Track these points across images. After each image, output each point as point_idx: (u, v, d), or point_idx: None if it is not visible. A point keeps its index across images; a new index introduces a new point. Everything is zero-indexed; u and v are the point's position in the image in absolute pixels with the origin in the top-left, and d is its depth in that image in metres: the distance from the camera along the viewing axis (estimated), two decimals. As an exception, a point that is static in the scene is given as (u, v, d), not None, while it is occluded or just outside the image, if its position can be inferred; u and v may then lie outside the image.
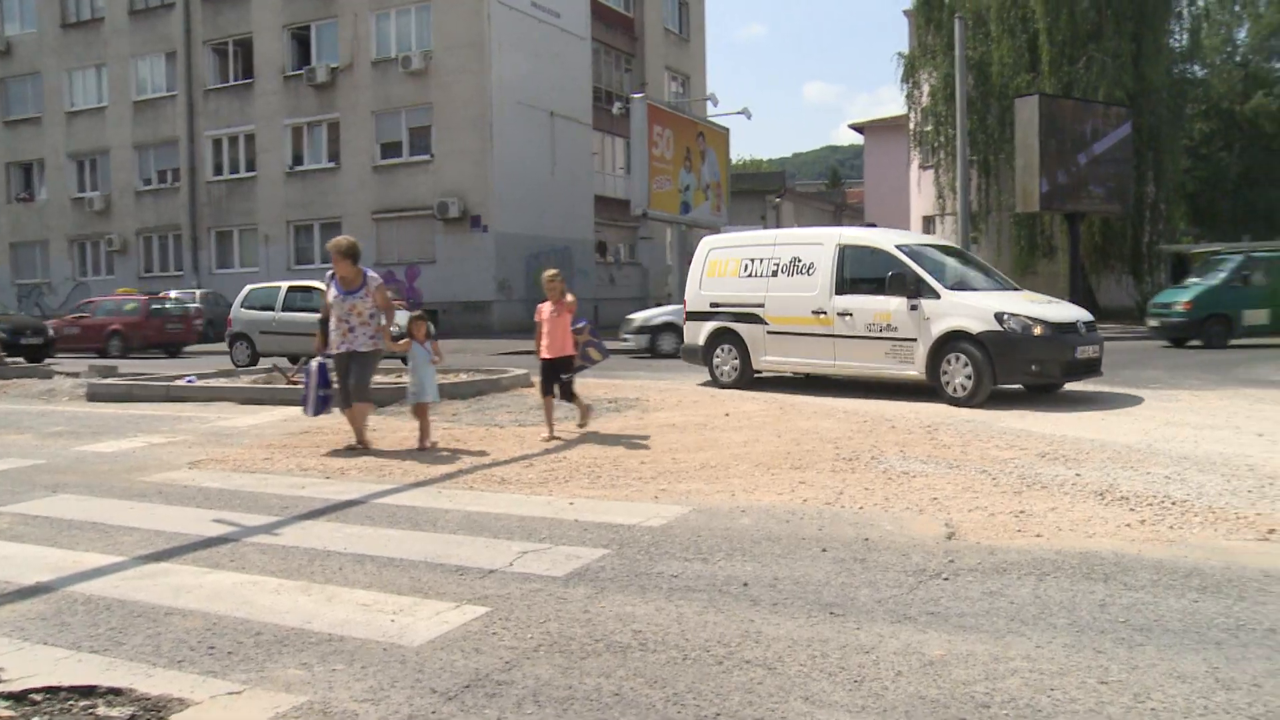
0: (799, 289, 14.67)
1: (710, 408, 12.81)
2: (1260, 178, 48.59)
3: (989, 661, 4.29)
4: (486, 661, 4.40)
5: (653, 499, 7.62)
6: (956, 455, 9.15)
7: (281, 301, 22.95)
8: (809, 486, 7.89)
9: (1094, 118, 33.32)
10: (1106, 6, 35.64)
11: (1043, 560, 5.76)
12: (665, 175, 31.39)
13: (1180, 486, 7.73)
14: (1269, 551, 5.96)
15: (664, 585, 5.44)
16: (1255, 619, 4.79)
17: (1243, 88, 49.56)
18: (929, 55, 39.03)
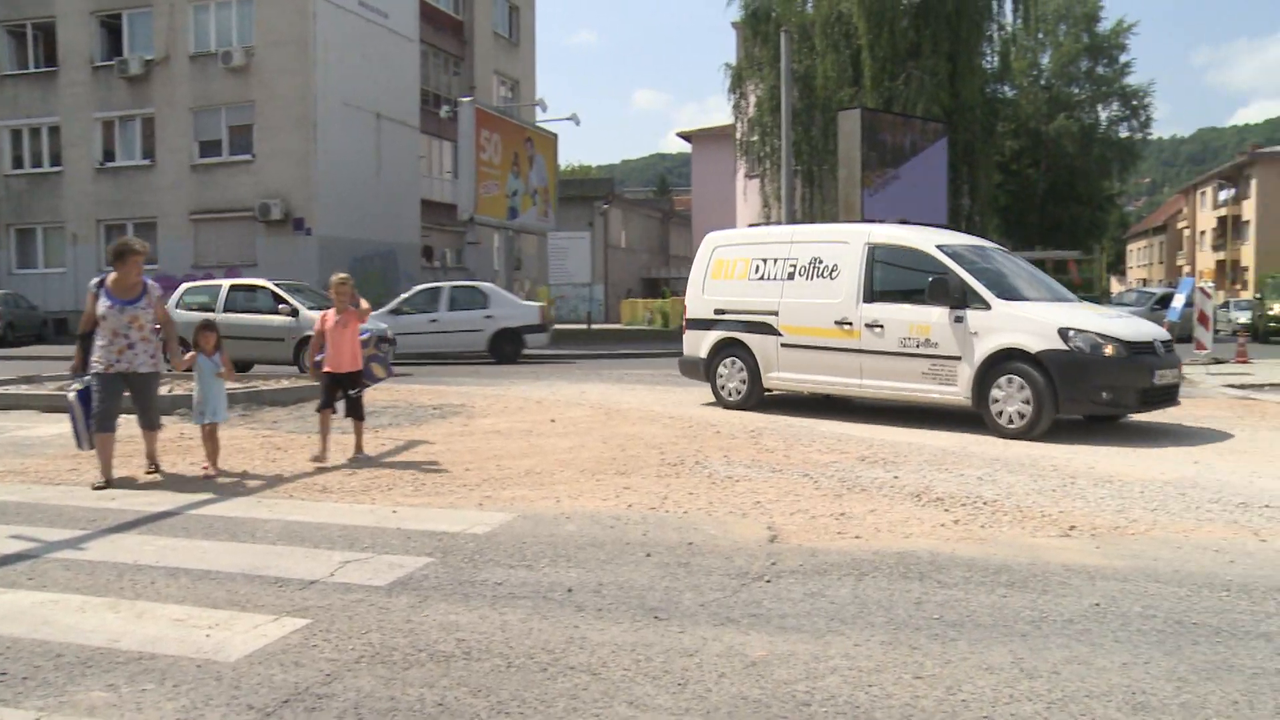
0: (820, 295, 12.67)
1: (536, 413, 12.78)
2: (1064, 193, 51.25)
3: (810, 661, 4.38)
4: (306, 675, 4.28)
5: (477, 506, 7.55)
6: (779, 459, 9.33)
7: (223, 302, 20.71)
8: (634, 492, 7.93)
9: (913, 132, 34.48)
10: (925, 26, 36.97)
11: (862, 561, 5.91)
12: (493, 180, 31.21)
13: (991, 487, 8.06)
14: (1070, 547, 6.27)
15: (488, 593, 5.39)
16: (1057, 611, 5.03)
17: (1047, 109, 52.23)
18: (756, 67, 39.81)
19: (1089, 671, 4.27)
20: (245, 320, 20.06)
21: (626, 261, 60.69)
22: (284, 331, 19.75)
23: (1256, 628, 4.83)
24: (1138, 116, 56.09)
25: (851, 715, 3.84)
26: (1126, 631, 4.75)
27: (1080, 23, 53.88)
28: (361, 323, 10.14)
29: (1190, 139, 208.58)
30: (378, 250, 35.34)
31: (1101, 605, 5.12)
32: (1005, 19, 41.79)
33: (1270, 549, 6.26)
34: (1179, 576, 5.63)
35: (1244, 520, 7.00)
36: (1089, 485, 8.15)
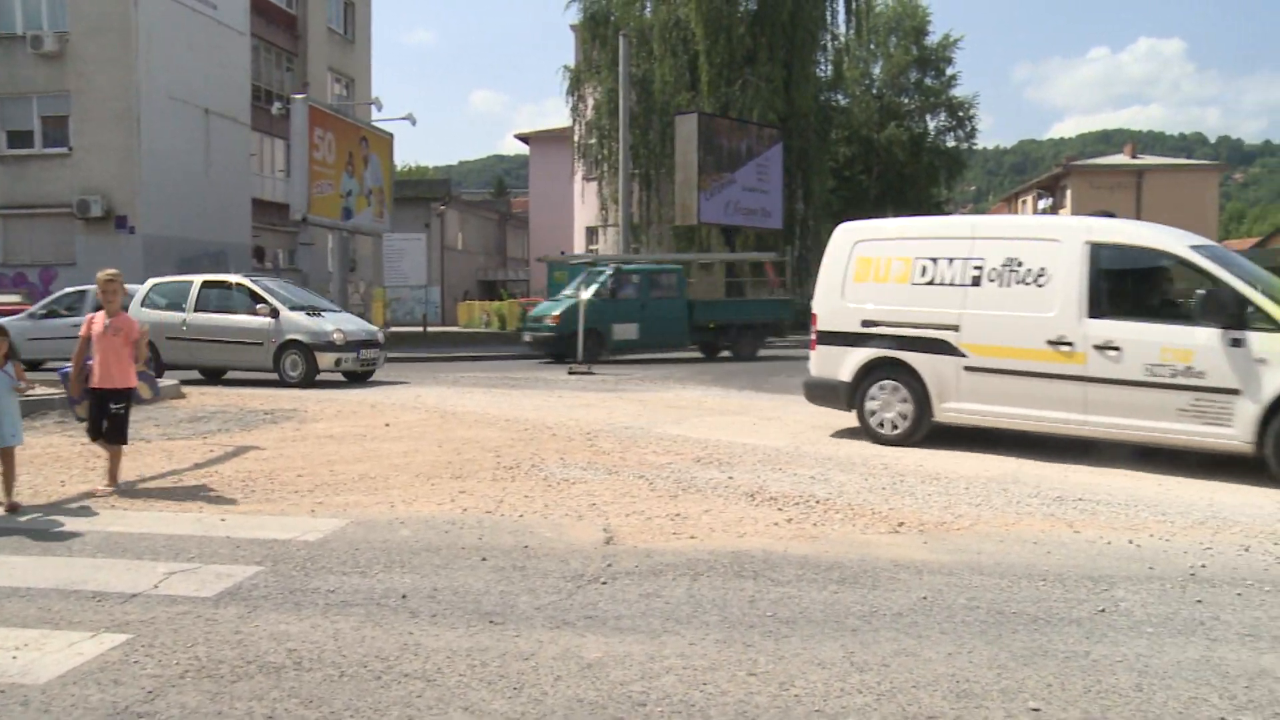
0: (1023, 306, 10.11)
1: (370, 418, 12.54)
2: (895, 199, 52.79)
3: (645, 661, 4.39)
4: (126, 693, 4.09)
5: (309, 512, 7.36)
6: (615, 461, 9.36)
7: (194, 300, 17.97)
8: (469, 496, 7.85)
9: (749, 137, 35.09)
10: (761, 34, 37.67)
11: (697, 561, 5.97)
12: (327, 180, 30.53)
13: (824, 486, 8.24)
14: (899, 543, 6.45)
15: (320, 601, 5.26)
16: (886, 605, 5.17)
17: (879, 117, 53.74)
18: (594, 70, 39.98)
19: (916, 663, 4.40)
20: (219, 321, 17.71)
21: (463, 263, 60.11)
22: (262, 334, 17.26)
23: (1070, 614, 5.06)
24: (964, 127, 58.19)
25: (687, 714, 3.87)
26: (952, 623, 4.91)
27: (910, 35, 55.57)
28: (135, 339, 8.40)
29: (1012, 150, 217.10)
30: (206, 250, 34.18)
31: (928, 598, 5.28)
32: (839, 29, 42.95)
33: (1083, 540, 6.56)
34: (1000, 568, 5.86)
35: (1060, 513, 7.33)
36: (917, 483, 8.41)
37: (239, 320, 17.49)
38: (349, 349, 17.24)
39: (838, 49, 44.25)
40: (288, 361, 16.99)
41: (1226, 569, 5.94)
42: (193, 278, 18.73)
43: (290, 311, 17.29)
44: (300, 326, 17.09)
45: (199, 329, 17.68)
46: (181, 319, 17.79)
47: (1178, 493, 8.18)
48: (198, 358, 17.99)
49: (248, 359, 17.53)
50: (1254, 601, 5.34)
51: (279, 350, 17.03)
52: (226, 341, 17.54)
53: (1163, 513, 7.40)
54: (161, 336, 17.40)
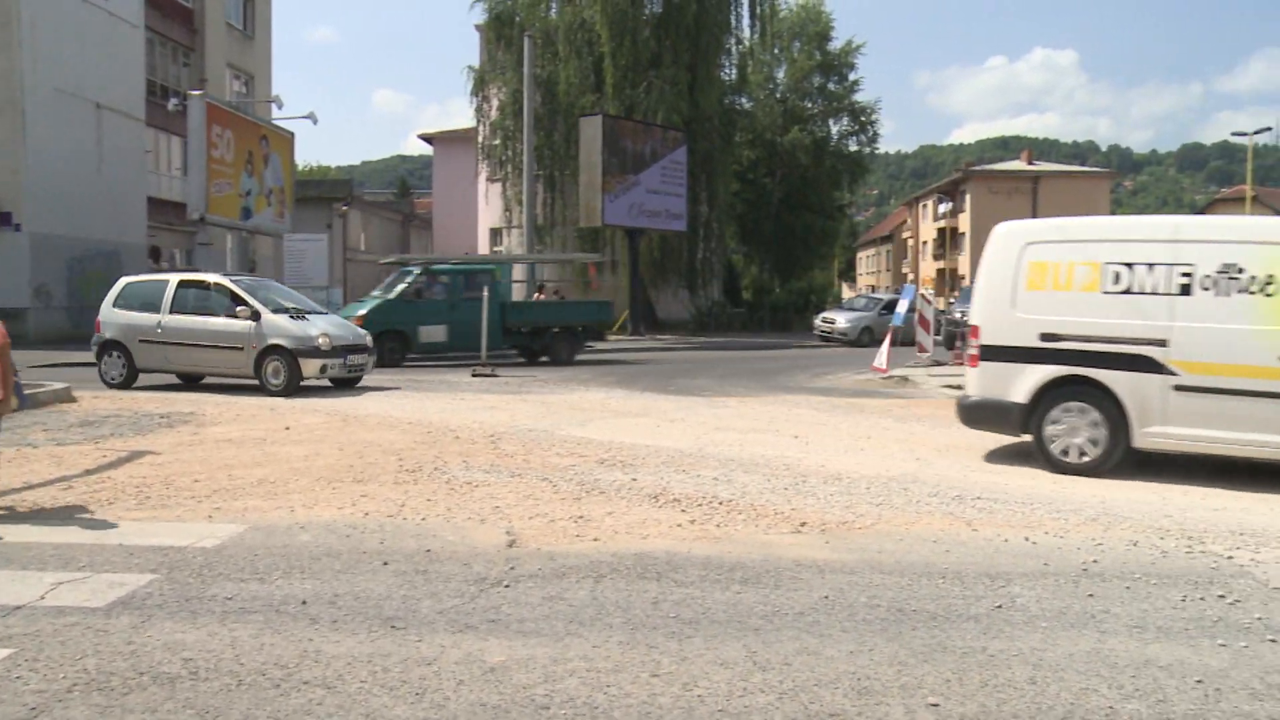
0: (1246, 318, 8.92)
1: (270, 421, 12.31)
2: (798, 202, 53.41)
3: (548, 664, 4.38)
4: (7, 711, 3.95)
5: (206, 518, 7.20)
6: (519, 464, 9.32)
7: (169, 301, 16.67)
8: (371, 499, 7.75)
9: (653, 139, 35.23)
10: (666, 37, 37.81)
11: (600, 563, 5.96)
12: (225, 178, 29.97)
13: (727, 487, 8.28)
14: (801, 542, 6.52)
15: (217, 609, 5.15)
16: (788, 605, 5.21)
17: (783, 121, 54.29)
18: (499, 71, 39.77)
19: (818, 661, 4.44)
20: (196, 324, 16.38)
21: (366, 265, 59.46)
22: (242, 339, 15.93)
23: (968, 610, 5.15)
24: (866, 131, 58.99)
25: (590, 716, 3.87)
26: (853, 621, 4.97)
27: (813, 40, 56.20)
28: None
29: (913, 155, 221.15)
30: (99, 250, 33.25)
31: (830, 597, 5.34)
32: (743, 33, 43.30)
33: (981, 538, 6.69)
34: (901, 567, 5.94)
35: (959, 512, 7.47)
36: (819, 483, 8.49)
37: (217, 323, 16.20)
38: (335, 354, 16.01)
39: (742, 53, 44.65)
40: (269, 368, 15.73)
41: (1116, 564, 6.10)
42: (168, 276, 17.53)
43: (272, 314, 16.07)
44: (283, 331, 15.83)
45: (174, 332, 16.45)
46: (156, 321, 16.52)
47: (1072, 491, 8.38)
48: (173, 362, 16.70)
49: (227, 364, 16.30)
50: (1141, 594, 5.49)
51: (260, 356, 15.80)
52: (204, 346, 16.33)
53: (1057, 510, 7.58)
54: (135, 339, 16.62)
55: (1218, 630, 4.96)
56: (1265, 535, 6.89)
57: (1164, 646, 4.72)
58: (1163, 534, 6.88)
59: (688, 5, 37.54)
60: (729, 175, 44.02)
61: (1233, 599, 5.45)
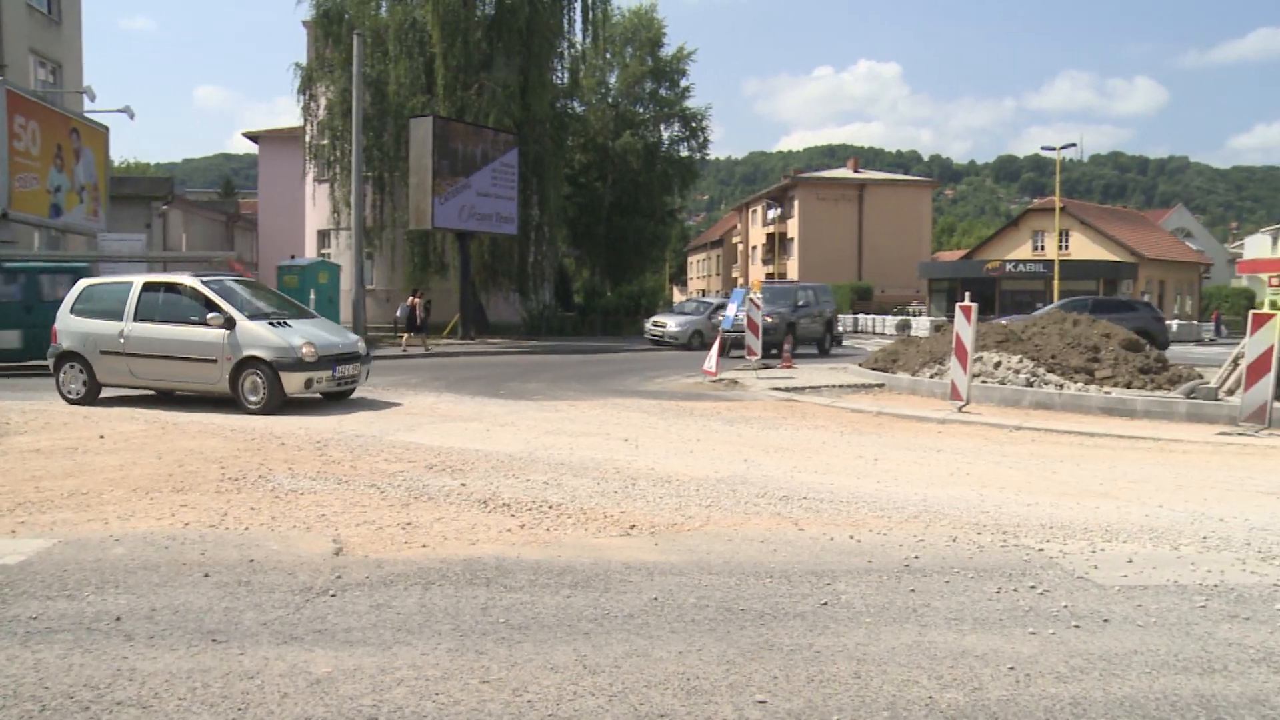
0: None
1: (83, 430, 11.78)
2: (629, 207, 53.85)
3: (376, 674, 4.29)
4: None
5: (10, 533, 6.83)
6: (346, 471, 9.13)
7: (133, 306, 14.75)
8: (191, 509, 7.48)
9: (485, 142, 34.98)
10: (498, 39, 37.58)
11: (429, 570, 5.88)
12: (31, 173, 28.51)
13: (557, 491, 8.27)
14: (631, 545, 6.55)
15: (20, 629, 4.88)
16: (618, 607, 5.23)
17: (614, 126, 54.65)
18: (327, 69, 38.90)
19: (648, 662, 4.47)
20: (163, 334, 14.50)
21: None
22: (214, 349, 14.13)
23: (794, 608, 5.26)
24: (696, 137, 59.83)
25: (418, 726, 3.81)
26: (682, 622, 5.01)
27: (645, 46, 56.73)
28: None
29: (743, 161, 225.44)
30: (-111, 248, 31.33)
31: (659, 599, 5.38)
32: (576, 37, 43.30)
33: (807, 537, 6.83)
34: (729, 567, 6.02)
35: (786, 512, 7.61)
36: (649, 486, 8.56)
37: (186, 333, 14.34)
38: (322, 366, 14.23)
39: (574, 57, 44.68)
40: (246, 383, 13.96)
41: (937, 559, 6.31)
42: (131, 279, 15.43)
43: (249, 321, 14.22)
44: (260, 340, 13.98)
45: (139, 342, 14.56)
46: (118, 330, 14.64)
47: (894, 490, 8.63)
48: (139, 376, 14.81)
49: (198, 379, 14.39)
50: (960, 588, 5.69)
51: (237, 369, 14.01)
52: (172, 358, 14.44)
53: (881, 509, 7.79)
54: (95, 351, 14.79)
55: (1029, 619, 5.18)
56: (1072, 529, 7.22)
57: (980, 637, 4.90)
58: (980, 530, 7.15)
59: (520, 8, 37.41)
60: (561, 179, 44.03)
61: (1042, 589, 5.70)
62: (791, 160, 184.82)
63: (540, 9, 38.64)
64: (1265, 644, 4.91)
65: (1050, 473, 9.83)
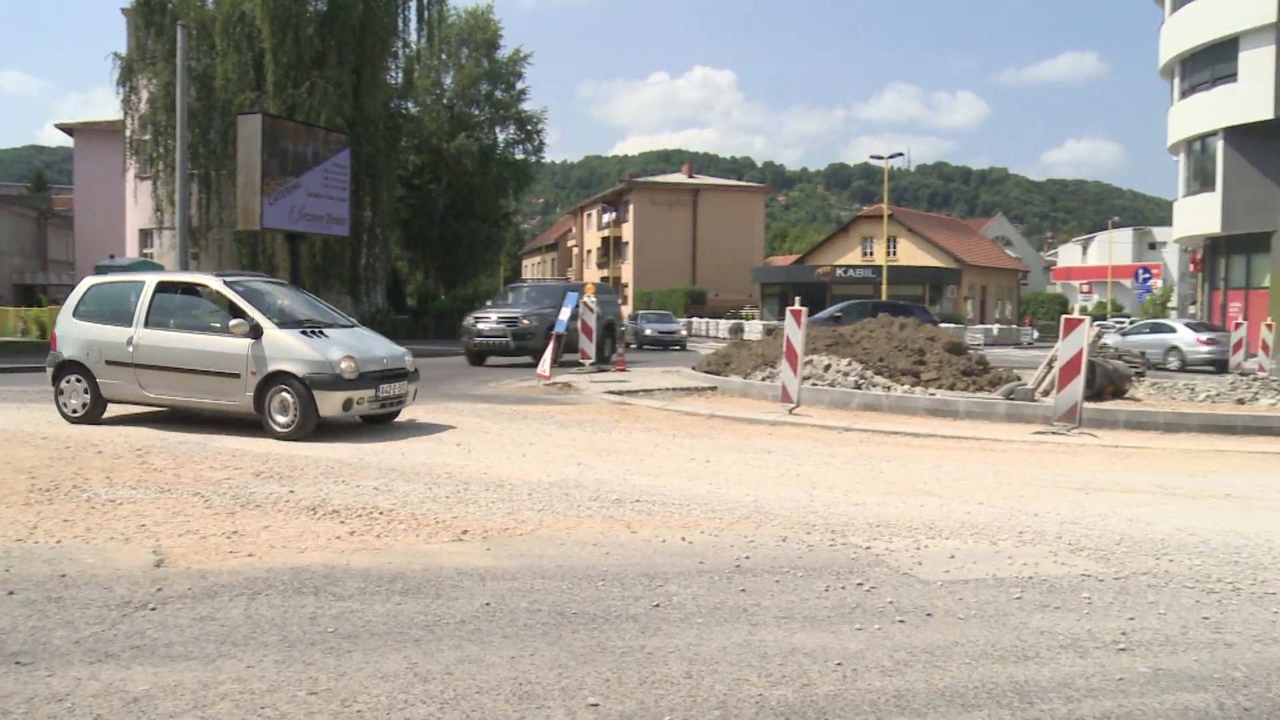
0: None
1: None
2: (463, 209, 53.45)
3: (198, 689, 4.14)
4: None
5: None
6: (169, 479, 8.80)
7: (145, 310, 12.58)
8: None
9: (316, 141, 34.19)
10: (330, 36, 36.83)
11: (255, 579, 5.71)
12: None
13: (388, 497, 8.14)
14: (463, 550, 6.49)
15: None
16: (449, 614, 5.17)
17: (449, 128, 54.17)
18: (149, 60, 37.51)
19: (479, 669, 4.42)
20: (177, 342, 12.29)
21: (-4, 263, 54.66)
22: (237, 362, 11.89)
23: (626, 611, 5.28)
24: (532, 140, 59.73)
25: (240, 742, 3.69)
26: (514, 627, 4.98)
27: (481, 48, 56.37)
28: None
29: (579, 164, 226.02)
30: None
31: (492, 604, 5.33)
32: (410, 36, 42.79)
33: (640, 539, 6.87)
34: (562, 571, 6.02)
35: (619, 515, 7.65)
36: (481, 490, 8.49)
37: (205, 342, 12.19)
38: (364, 384, 12.00)
39: (409, 57, 44.13)
40: (274, 402, 11.76)
41: (767, 559, 6.42)
42: (144, 277, 13.20)
43: (278, 329, 12.01)
44: (291, 351, 11.81)
45: (150, 352, 12.38)
46: (127, 337, 12.53)
47: (725, 492, 8.75)
48: (149, 391, 12.55)
49: (218, 396, 12.18)
50: (790, 587, 5.80)
51: (263, 386, 11.83)
52: (187, 371, 12.23)
53: (713, 510, 7.89)
54: (100, 361, 12.67)
55: (856, 616, 5.31)
56: (898, 526, 7.44)
57: (809, 634, 5.00)
58: (809, 529, 7.30)
59: (353, 5, 36.77)
60: (394, 180, 43.45)
61: (869, 586, 5.85)
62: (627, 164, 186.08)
63: (374, 7, 38.08)
64: (1073, 631, 5.15)
65: (877, 472, 10.12)
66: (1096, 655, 4.83)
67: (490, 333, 25.73)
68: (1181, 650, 4.95)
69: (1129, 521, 7.87)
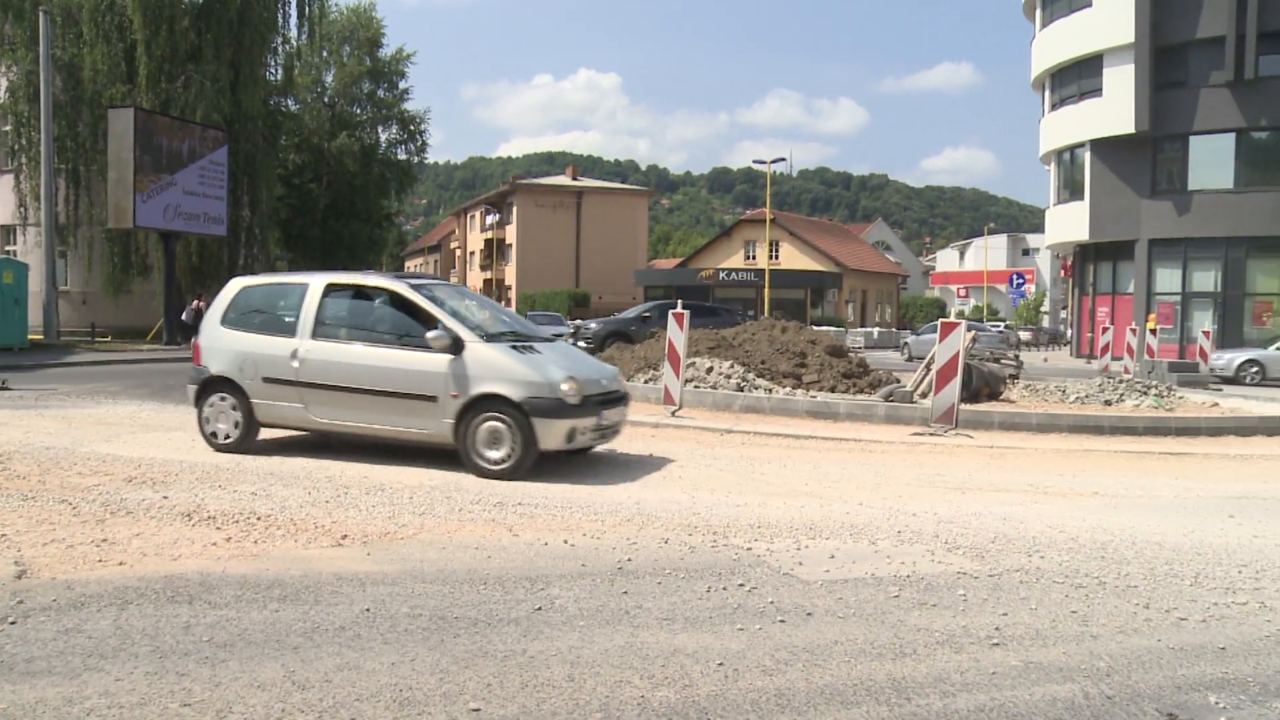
0: None
1: None
2: (345, 209, 52.74)
3: (62, 705, 4.00)
4: None
5: None
6: (33, 486, 8.47)
7: (312, 318, 10.55)
8: None
9: (192, 138, 33.41)
10: (207, 30, 35.99)
11: (125, 589, 5.53)
12: None
13: (266, 502, 7.97)
14: (342, 556, 6.38)
15: None
16: (329, 620, 5.08)
17: (331, 127, 53.40)
18: (9, 47, 36.16)
19: (359, 675, 4.36)
20: (357, 356, 10.25)
21: None
22: (434, 382, 9.84)
23: (509, 614, 5.25)
24: (415, 141, 59.29)
25: (107, 757, 3.57)
26: (395, 632, 4.92)
27: (363, 46, 55.72)
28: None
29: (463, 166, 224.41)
30: None
31: (372, 610, 5.26)
32: (291, 33, 42.12)
33: (522, 542, 6.84)
34: (443, 575, 5.96)
35: (501, 518, 7.61)
36: (361, 494, 8.37)
37: (390, 358, 10.15)
38: (586, 410, 9.90)
39: (289, 53, 43.38)
40: (481, 432, 9.65)
41: (649, 561, 6.44)
42: (307, 278, 11.12)
43: (483, 343, 9.95)
44: (504, 370, 9.76)
45: (321, 368, 10.33)
46: (291, 350, 10.49)
47: (608, 495, 8.77)
48: (318, 415, 10.47)
49: (407, 423, 10.09)
50: (671, 588, 5.83)
51: (464, 411, 9.76)
52: (369, 391, 10.14)
53: (595, 513, 7.90)
54: (255, 377, 10.66)
55: (737, 616, 5.36)
56: (778, 527, 7.54)
57: (691, 635, 5.03)
58: (691, 531, 7.35)
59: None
60: (274, 179, 42.64)
61: (750, 587, 5.91)
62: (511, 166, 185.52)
63: (253, 1, 37.30)
64: (948, 627, 5.28)
65: (759, 474, 10.24)
66: (971, 650, 4.95)
67: None
68: (1051, 643, 5.11)
69: (1003, 520, 8.10)
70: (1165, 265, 38.91)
